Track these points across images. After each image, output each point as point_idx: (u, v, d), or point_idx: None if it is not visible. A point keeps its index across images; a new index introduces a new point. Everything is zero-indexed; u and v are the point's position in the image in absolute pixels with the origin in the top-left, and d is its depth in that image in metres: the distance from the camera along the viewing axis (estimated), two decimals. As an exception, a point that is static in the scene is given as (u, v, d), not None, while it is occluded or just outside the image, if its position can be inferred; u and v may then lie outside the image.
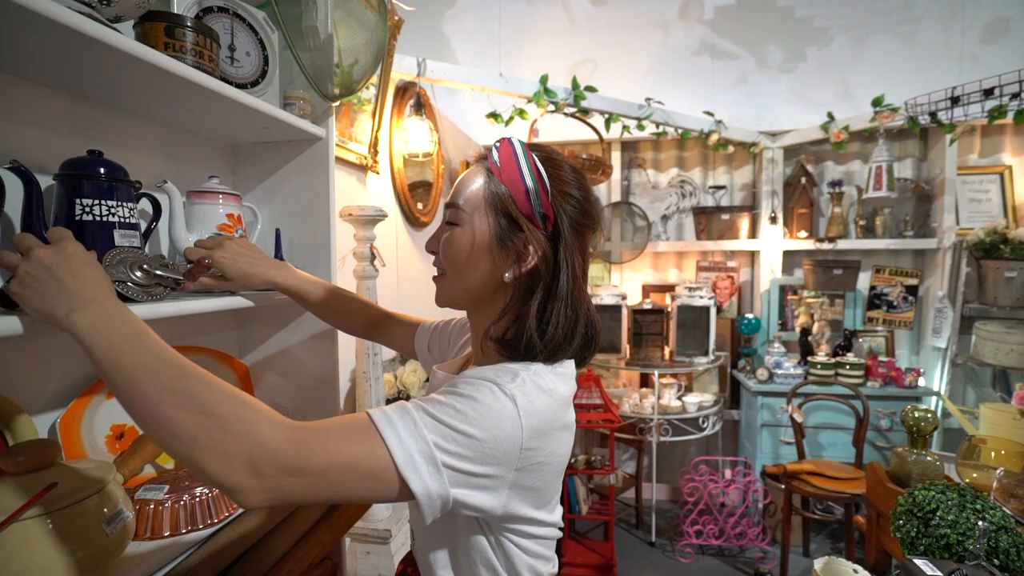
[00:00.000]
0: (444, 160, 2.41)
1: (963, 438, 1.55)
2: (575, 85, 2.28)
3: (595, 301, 2.76)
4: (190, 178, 1.02)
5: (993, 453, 1.57)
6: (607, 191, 3.11)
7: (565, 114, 2.27)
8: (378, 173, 1.82)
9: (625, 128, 2.41)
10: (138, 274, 0.77)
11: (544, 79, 2.21)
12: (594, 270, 3.13)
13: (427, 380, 1.50)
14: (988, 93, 1.96)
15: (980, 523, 0.96)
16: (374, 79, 1.73)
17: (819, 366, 2.58)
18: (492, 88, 2.17)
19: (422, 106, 2.07)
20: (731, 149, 2.85)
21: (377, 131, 1.79)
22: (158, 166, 0.98)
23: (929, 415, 1.48)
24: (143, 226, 0.88)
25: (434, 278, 0.74)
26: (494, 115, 2.28)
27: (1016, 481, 1.17)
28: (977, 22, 2.69)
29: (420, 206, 2.19)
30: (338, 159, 1.47)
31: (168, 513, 0.78)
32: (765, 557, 2.50)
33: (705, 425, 2.67)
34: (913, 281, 2.83)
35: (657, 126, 2.49)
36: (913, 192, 2.85)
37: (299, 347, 1.15)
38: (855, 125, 2.54)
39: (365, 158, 1.73)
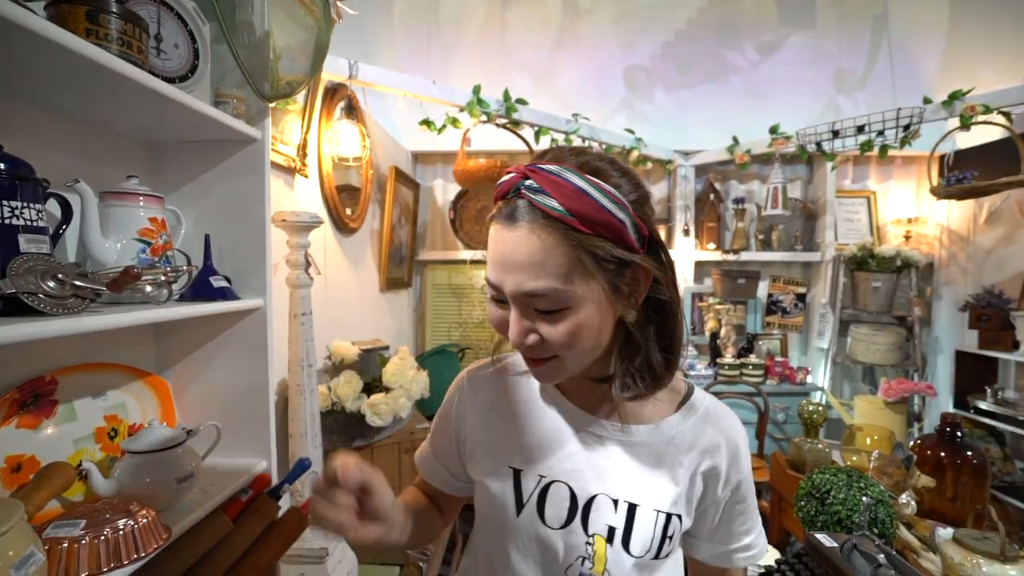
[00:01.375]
0: (372, 165, 2.36)
1: (843, 427, 1.78)
2: (507, 97, 2.33)
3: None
4: (104, 178, 0.93)
5: (868, 439, 1.82)
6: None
7: (497, 125, 2.31)
8: (307, 176, 1.74)
9: (554, 141, 2.51)
10: (51, 284, 0.70)
11: (477, 89, 2.24)
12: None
13: (363, 391, 1.46)
14: (860, 129, 2.27)
15: (864, 499, 1.12)
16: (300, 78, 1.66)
17: (726, 367, 2.83)
18: (425, 96, 2.16)
19: (352, 109, 2.02)
20: (649, 165, 3.05)
21: (306, 133, 1.73)
22: (68, 164, 0.88)
23: (820, 408, 1.68)
24: (52, 230, 0.79)
25: (533, 360, 0.60)
26: (427, 122, 2.27)
27: (887, 461, 1.37)
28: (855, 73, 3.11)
29: (349, 212, 2.13)
30: (266, 161, 1.40)
31: (86, 551, 0.70)
32: (681, 546, 2.68)
33: (627, 425, 2.81)
34: (802, 290, 3.19)
35: (583, 141, 2.61)
36: (802, 211, 3.21)
37: (226, 361, 1.08)
38: (756, 149, 2.83)
39: (293, 160, 1.66)
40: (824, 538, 1.04)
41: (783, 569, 1.03)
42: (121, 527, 0.74)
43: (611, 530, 0.62)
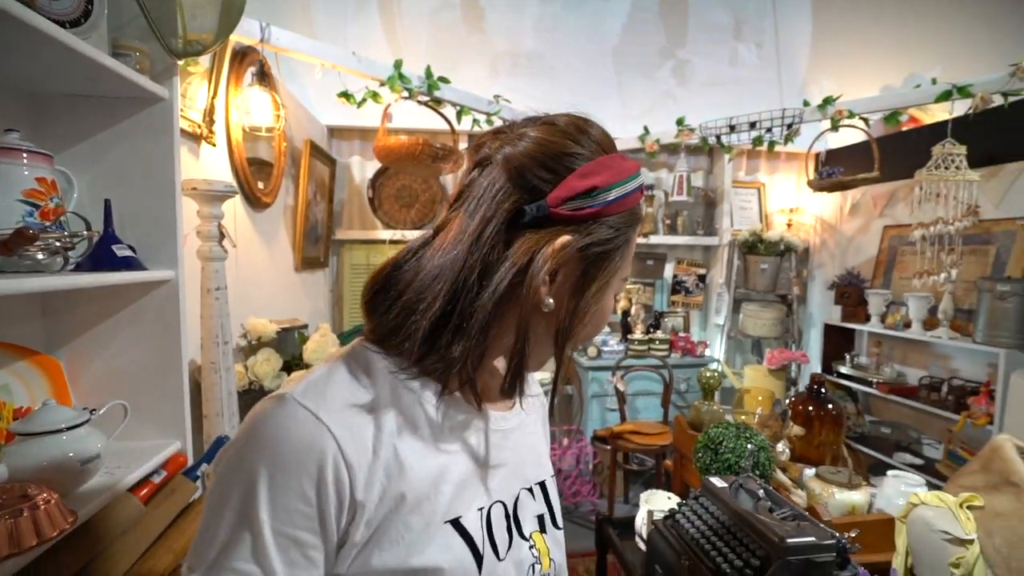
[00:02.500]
0: (286, 137, 2.24)
1: (734, 392, 2.01)
2: (428, 74, 2.31)
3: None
4: (-24, 131, 0.83)
5: (754, 400, 2.06)
6: (455, 182, 3.20)
7: (419, 102, 2.28)
8: (214, 145, 1.63)
9: (476, 122, 2.52)
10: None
11: (398, 64, 2.20)
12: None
13: (283, 369, 1.42)
14: (752, 125, 2.52)
15: (749, 446, 1.29)
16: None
17: (636, 342, 3.04)
18: (345, 67, 2.08)
19: (265, 75, 1.91)
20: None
21: (213, 98, 1.61)
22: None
23: (715, 375, 1.88)
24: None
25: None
26: (346, 95, 2.19)
27: (767, 416, 1.58)
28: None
29: (261, 185, 2.02)
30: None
31: (-20, 535, 0.64)
32: (596, 509, 2.87)
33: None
34: (703, 271, 3.49)
35: (505, 123, 2.65)
36: (703, 199, 3.50)
37: (133, 337, 1.01)
38: (664, 139, 3.03)
39: (199, 127, 1.54)
40: (716, 480, 1.18)
41: (683, 510, 1.17)
42: (19, 512, 0.69)
43: (540, 519, 0.58)
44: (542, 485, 0.60)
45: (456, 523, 0.49)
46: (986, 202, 2.43)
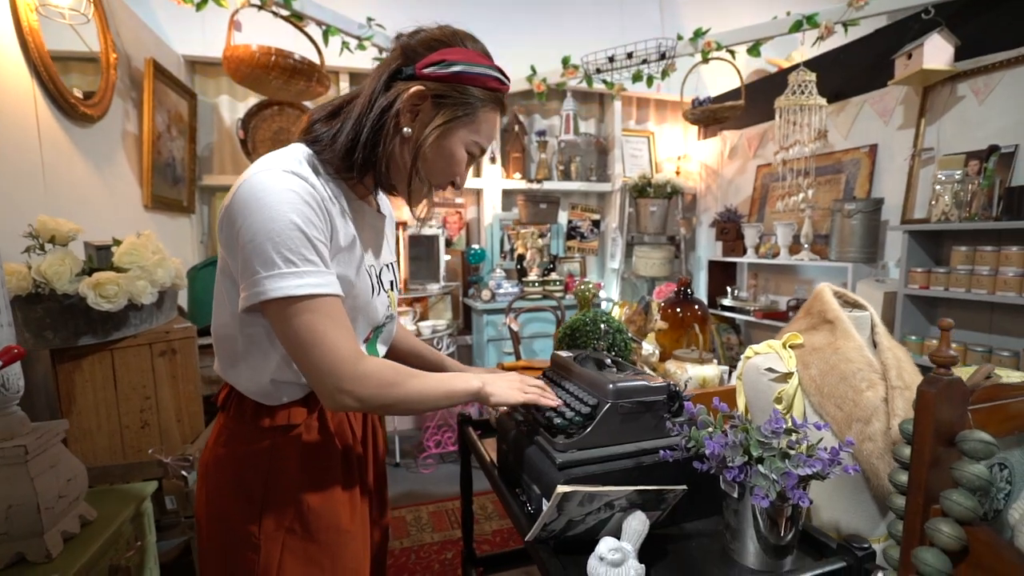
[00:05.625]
0: (116, 49, 1.96)
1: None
2: (287, -17, 2.10)
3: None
4: None
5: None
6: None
7: (274, 14, 2.08)
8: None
9: (345, 45, 2.35)
10: None
11: (247, -33, 1.98)
12: (328, 205, 3.02)
13: (82, 272, 1.21)
14: (629, 56, 2.55)
15: (602, 326, 1.27)
16: None
17: (531, 284, 3.02)
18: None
19: (72, -39, 1.63)
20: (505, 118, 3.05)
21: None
22: None
23: (591, 286, 1.87)
24: None
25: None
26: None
27: (632, 312, 1.59)
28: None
29: (79, 93, 1.74)
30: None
31: None
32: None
33: (440, 346, 2.86)
34: (597, 216, 3.54)
35: (380, 51, 2.50)
36: (595, 146, 3.54)
37: None
38: (551, 79, 3.01)
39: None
40: (565, 353, 1.15)
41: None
42: None
43: (392, 283, 0.92)
44: (390, 265, 0.93)
45: (362, 266, 0.80)
46: (836, 135, 2.64)
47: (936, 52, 2.02)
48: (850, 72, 2.57)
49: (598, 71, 2.65)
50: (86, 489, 1.16)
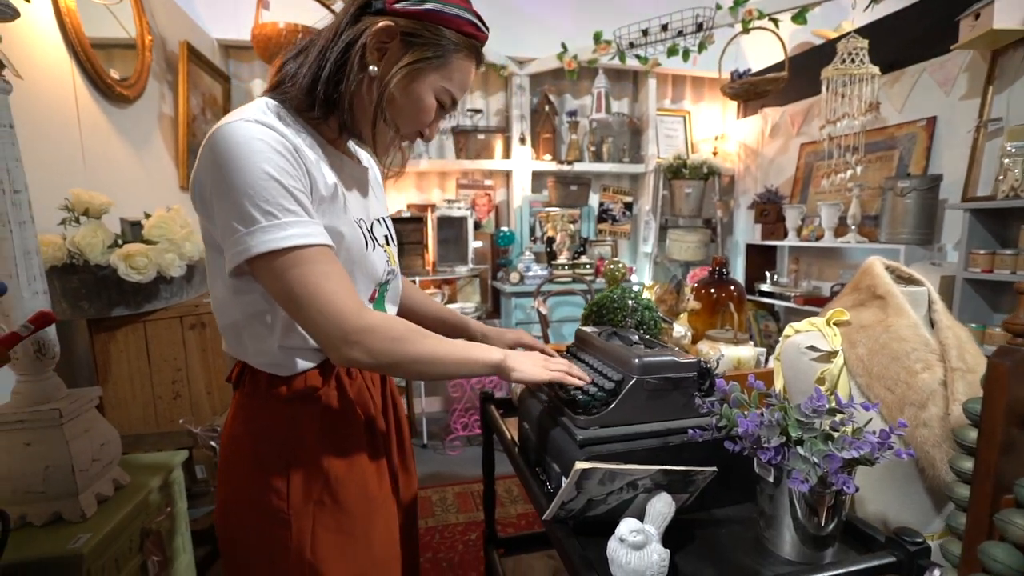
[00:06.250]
0: (151, 32, 1.99)
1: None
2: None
3: (357, 214, 2.67)
4: None
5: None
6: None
7: (303, -11, 2.07)
8: (28, 0, 1.39)
9: (375, 23, 2.33)
10: None
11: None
12: (358, 187, 3.03)
13: (114, 245, 1.24)
14: (664, 28, 2.44)
15: (630, 302, 1.22)
16: None
17: (561, 267, 2.97)
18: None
19: (106, -59, 1.66)
20: (483, 68, 3.00)
21: (24, -56, 1.36)
22: None
23: (620, 265, 1.81)
24: None
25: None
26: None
27: (663, 291, 1.52)
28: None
29: (116, 75, 1.78)
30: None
31: None
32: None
33: (468, 329, 2.85)
34: (629, 199, 3.44)
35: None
36: (628, 126, 3.43)
37: None
38: (582, 56, 2.92)
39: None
40: (590, 329, 1.11)
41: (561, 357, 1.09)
42: None
43: (387, 238, 0.86)
44: (383, 220, 0.87)
45: (350, 217, 0.74)
46: (890, 108, 2.46)
47: (1008, 10, 1.83)
48: (907, 38, 2.38)
49: (631, 45, 2.54)
50: (119, 454, 1.19)
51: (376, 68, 0.68)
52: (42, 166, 1.44)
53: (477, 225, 3.09)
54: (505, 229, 3.14)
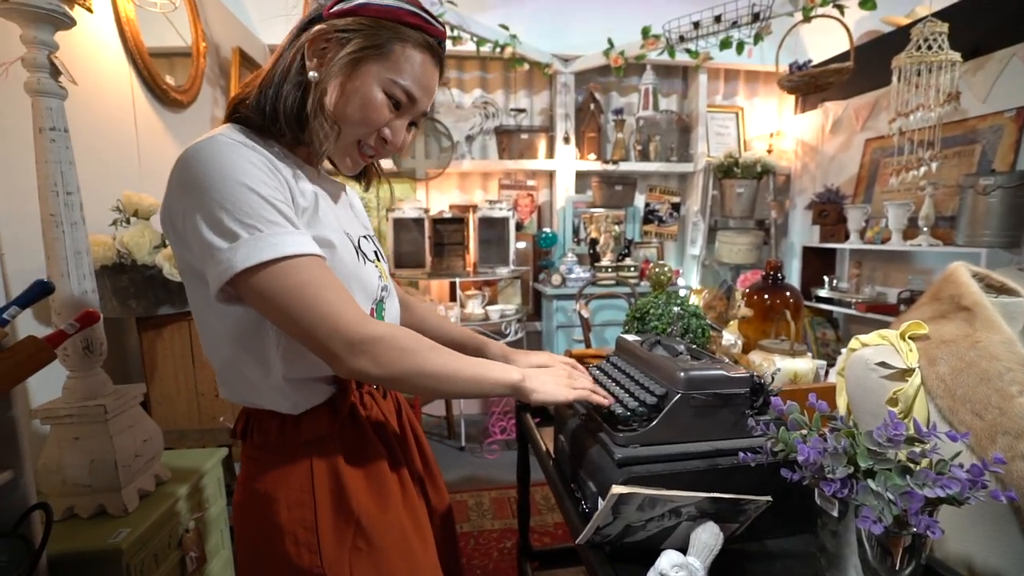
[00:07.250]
0: (206, 38, 2.07)
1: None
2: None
3: (398, 215, 2.68)
4: None
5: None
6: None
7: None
8: (91, 11, 1.46)
9: (418, 24, 2.33)
10: None
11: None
12: (399, 188, 3.05)
13: (161, 245, 1.27)
14: (717, 19, 2.31)
15: (675, 309, 1.14)
16: None
17: (604, 269, 2.88)
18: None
19: (163, -48, 1.72)
20: (527, 67, 2.96)
21: (86, -45, 1.43)
22: None
23: (666, 269, 1.72)
24: None
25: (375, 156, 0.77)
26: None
27: (712, 296, 1.43)
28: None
29: (171, 80, 1.85)
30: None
31: None
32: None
33: (508, 331, 2.81)
34: (677, 199, 3.31)
35: (451, 29, 2.46)
36: (676, 124, 3.30)
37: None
38: (629, 52, 2.82)
39: (68, -15, 1.37)
40: (632, 337, 1.04)
41: (592, 371, 1.03)
42: None
43: (376, 253, 0.82)
44: (369, 237, 0.82)
45: (337, 228, 0.71)
46: (972, 98, 2.24)
47: (1117, -14, 1.62)
48: (994, 21, 2.16)
49: (681, 39, 2.43)
50: (162, 450, 1.21)
51: (316, 73, 0.66)
52: (100, 169, 1.51)
53: (519, 226, 3.05)
54: (547, 230, 3.08)
